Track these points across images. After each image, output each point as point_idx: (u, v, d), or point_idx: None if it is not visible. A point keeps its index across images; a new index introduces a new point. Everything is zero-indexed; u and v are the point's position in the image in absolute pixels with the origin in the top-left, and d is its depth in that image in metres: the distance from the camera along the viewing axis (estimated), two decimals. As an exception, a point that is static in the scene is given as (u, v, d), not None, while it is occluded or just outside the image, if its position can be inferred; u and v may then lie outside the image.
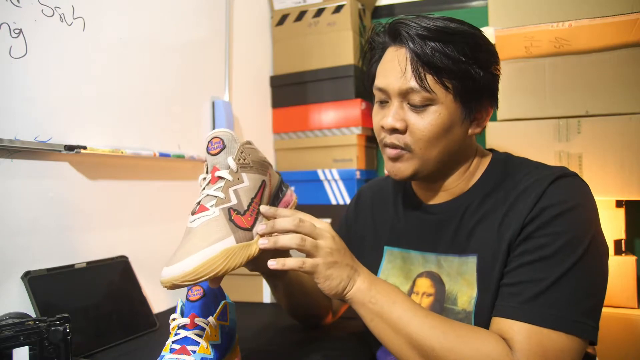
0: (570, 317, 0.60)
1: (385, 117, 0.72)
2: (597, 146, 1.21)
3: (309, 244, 0.64)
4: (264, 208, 0.67)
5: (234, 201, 0.65)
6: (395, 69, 0.71)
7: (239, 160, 0.67)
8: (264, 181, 0.70)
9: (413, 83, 0.69)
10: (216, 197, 0.65)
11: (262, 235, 0.65)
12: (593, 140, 1.22)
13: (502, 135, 1.30)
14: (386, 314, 0.65)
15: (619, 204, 1.27)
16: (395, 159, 0.73)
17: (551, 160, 1.25)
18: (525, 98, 1.29)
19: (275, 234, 0.65)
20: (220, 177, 0.66)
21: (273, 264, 0.63)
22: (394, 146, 0.73)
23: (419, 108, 0.70)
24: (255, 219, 0.66)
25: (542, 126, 1.27)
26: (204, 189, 0.67)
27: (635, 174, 1.18)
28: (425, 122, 0.70)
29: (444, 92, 0.69)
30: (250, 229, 0.64)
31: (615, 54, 1.21)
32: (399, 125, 0.71)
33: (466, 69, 0.69)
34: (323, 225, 0.68)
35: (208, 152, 0.68)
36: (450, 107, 0.70)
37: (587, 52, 1.24)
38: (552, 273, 0.62)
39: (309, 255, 0.65)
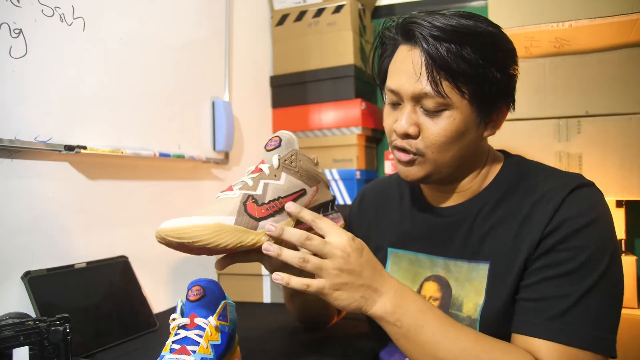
0: (597, 335, 0.60)
1: (398, 122, 0.69)
2: (597, 146, 1.21)
3: (312, 265, 0.61)
4: (290, 205, 0.65)
5: (258, 191, 0.65)
6: (408, 71, 0.67)
7: (284, 160, 0.69)
8: (304, 189, 0.70)
9: (428, 88, 0.65)
10: (244, 182, 0.66)
11: (270, 237, 0.63)
12: (593, 140, 1.22)
13: (502, 135, 1.28)
14: (412, 337, 0.62)
15: (619, 204, 1.27)
16: (407, 163, 0.71)
17: (551, 160, 1.25)
18: (525, 98, 1.29)
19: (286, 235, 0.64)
20: (261, 170, 0.68)
21: (277, 278, 0.61)
22: (405, 151, 0.70)
23: (432, 113, 0.67)
24: (271, 215, 0.65)
25: (542, 126, 1.27)
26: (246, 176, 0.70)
27: (635, 174, 1.18)
28: (438, 128, 0.67)
29: (459, 98, 0.66)
30: (257, 219, 0.63)
31: (615, 54, 1.21)
32: (411, 130, 0.68)
33: (483, 73, 0.65)
34: (337, 241, 0.62)
35: (264, 148, 0.71)
36: (465, 112, 0.67)
37: (587, 52, 1.24)
38: (576, 289, 0.61)
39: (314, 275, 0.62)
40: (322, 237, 0.64)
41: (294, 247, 0.63)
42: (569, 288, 0.61)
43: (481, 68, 0.65)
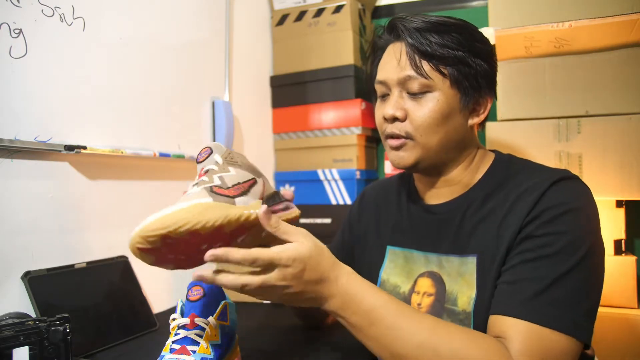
0: (571, 318, 0.60)
1: (385, 108, 0.74)
2: (597, 146, 1.21)
3: (250, 290, 0.58)
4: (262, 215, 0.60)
5: (216, 182, 0.62)
6: (393, 61, 0.74)
7: (225, 158, 0.68)
8: (254, 179, 0.68)
9: (410, 71, 0.71)
10: (199, 182, 0.62)
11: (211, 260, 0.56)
12: (593, 140, 1.22)
13: (502, 135, 1.30)
14: (364, 334, 0.62)
15: (619, 204, 1.27)
16: (397, 147, 0.74)
17: (551, 160, 1.25)
18: (525, 98, 1.29)
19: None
20: (207, 171, 0.65)
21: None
22: (395, 136, 0.74)
23: (417, 95, 0.72)
24: (241, 194, 0.62)
25: (542, 126, 1.27)
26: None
27: (635, 174, 1.18)
28: (424, 109, 0.71)
29: (441, 79, 0.71)
30: (232, 197, 0.60)
31: (615, 54, 1.21)
32: (399, 113, 0.72)
33: (462, 56, 0.71)
34: (271, 276, 0.57)
35: (197, 162, 0.68)
36: (448, 93, 0.72)
37: (587, 52, 1.24)
38: (553, 272, 0.61)
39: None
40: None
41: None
42: (546, 270, 0.62)
43: (459, 52, 0.71)
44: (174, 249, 0.57)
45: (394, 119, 0.73)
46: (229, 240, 0.60)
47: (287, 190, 0.75)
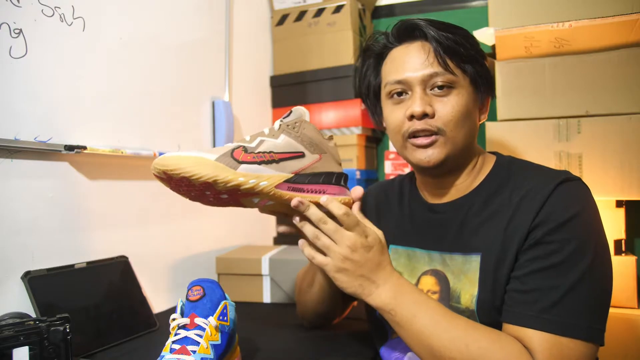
0: (587, 325, 0.62)
1: (412, 106, 0.73)
2: (597, 146, 1.21)
3: (321, 243, 0.69)
4: (324, 197, 0.70)
5: (251, 144, 0.68)
6: (413, 59, 0.75)
7: (287, 125, 0.71)
8: (302, 152, 0.70)
9: (437, 67, 0.73)
10: (242, 140, 0.69)
11: (296, 207, 0.68)
12: (593, 140, 1.22)
13: (502, 135, 1.30)
14: (406, 326, 0.67)
15: (619, 204, 1.27)
16: (427, 145, 0.74)
17: (551, 160, 1.25)
18: (525, 98, 1.29)
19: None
20: (260, 132, 0.71)
21: (300, 243, 0.73)
22: (426, 132, 0.73)
23: (442, 92, 0.73)
24: (255, 163, 0.66)
25: (542, 126, 1.27)
26: None
27: (635, 174, 1.18)
28: (451, 104, 0.73)
29: (463, 75, 0.74)
30: (239, 162, 0.65)
31: (615, 54, 1.21)
32: (428, 109, 0.73)
33: (475, 55, 0.75)
34: (349, 235, 0.69)
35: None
36: (468, 90, 0.75)
37: (587, 52, 1.24)
38: (565, 280, 0.63)
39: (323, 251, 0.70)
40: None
41: None
42: (558, 279, 0.64)
43: (472, 51, 0.75)
44: (180, 185, 0.65)
45: (424, 115, 0.73)
46: (236, 196, 0.67)
47: (357, 190, 0.78)
